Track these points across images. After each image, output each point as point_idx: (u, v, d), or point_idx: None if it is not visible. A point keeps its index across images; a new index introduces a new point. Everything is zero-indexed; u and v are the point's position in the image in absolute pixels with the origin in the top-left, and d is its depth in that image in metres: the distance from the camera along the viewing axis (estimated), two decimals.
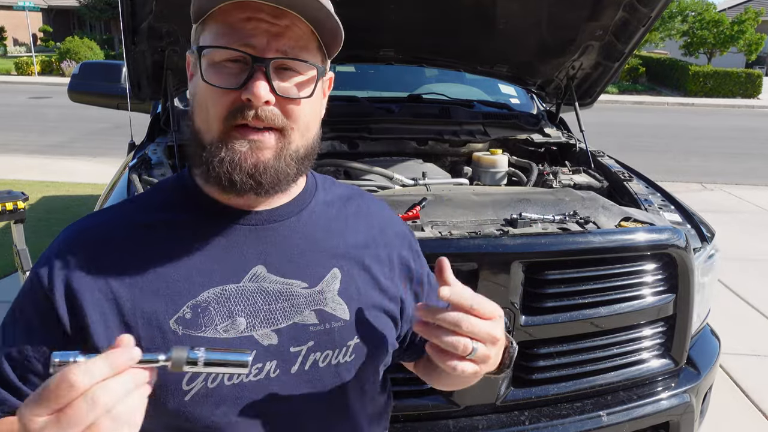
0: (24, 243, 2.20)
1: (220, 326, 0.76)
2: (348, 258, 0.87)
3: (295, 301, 0.81)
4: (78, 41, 21.00)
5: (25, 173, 7.09)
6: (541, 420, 1.68)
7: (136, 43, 2.06)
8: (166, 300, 0.76)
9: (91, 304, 0.75)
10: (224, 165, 0.73)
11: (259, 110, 0.72)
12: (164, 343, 0.74)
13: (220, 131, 0.74)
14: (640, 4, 2.22)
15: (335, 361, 0.83)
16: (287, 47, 0.73)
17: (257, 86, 0.71)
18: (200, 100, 0.76)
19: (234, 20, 0.72)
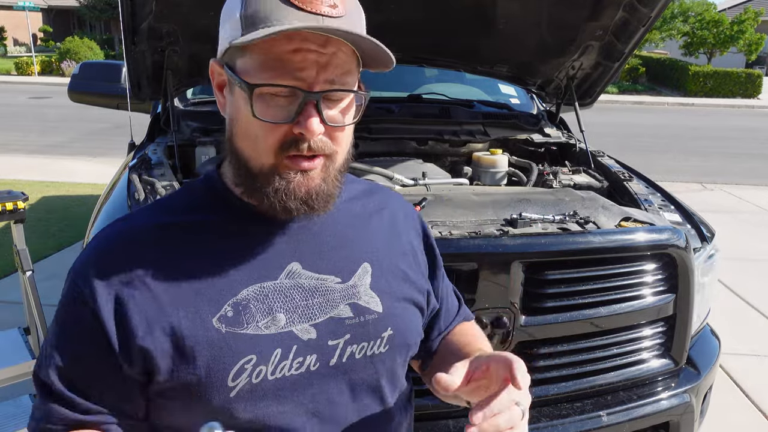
0: (24, 243, 2.20)
1: (261, 323, 0.79)
2: (376, 252, 0.90)
3: (330, 295, 0.84)
4: (78, 41, 21.00)
5: (25, 173, 7.09)
6: (541, 420, 1.68)
7: (136, 43, 2.06)
8: (208, 299, 0.77)
9: (134, 311, 0.76)
10: (279, 194, 0.76)
11: (311, 142, 0.74)
12: (208, 342, 0.76)
13: (271, 161, 0.76)
14: (640, 4, 2.22)
15: (370, 353, 0.86)
16: (334, 76, 0.74)
17: (311, 122, 0.72)
18: (246, 129, 0.76)
19: (281, 52, 0.71)
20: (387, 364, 0.88)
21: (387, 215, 0.96)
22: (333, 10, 0.72)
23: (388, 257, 0.91)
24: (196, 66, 2.33)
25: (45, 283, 3.68)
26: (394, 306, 0.88)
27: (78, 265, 0.81)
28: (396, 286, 0.90)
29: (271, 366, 0.78)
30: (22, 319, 2.35)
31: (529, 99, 3.34)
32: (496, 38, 2.50)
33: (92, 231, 1.97)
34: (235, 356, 0.77)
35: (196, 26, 2.12)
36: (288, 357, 0.79)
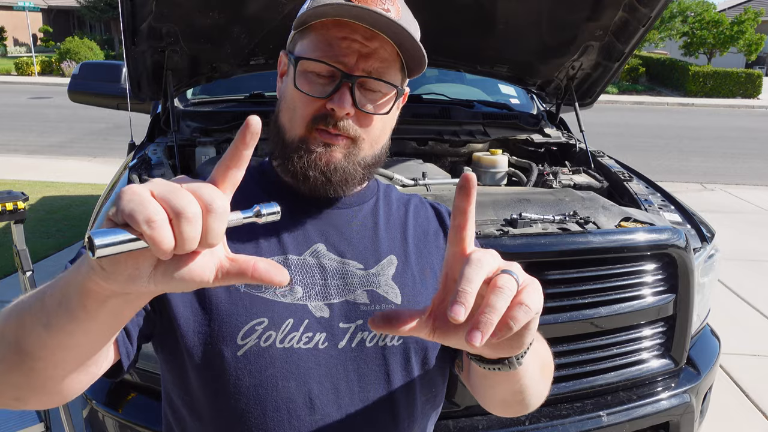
0: (24, 243, 2.20)
1: (279, 290, 0.82)
2: (406, 250, 0.91)
3: (350, 279, 0.86)
4: (78, 41, 21.00)
5: (26, 173, 7.10)
6: (541, 420, 1.68)
7: (136, 43, 2.06)
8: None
9: None
10: (302, 161, 0.83)
11: (339, 121, 0.81)
12: (228, 298, 0.81)
13: (302, 132, 0.83)
14: (640, 4, 2.22)
15: (382, 343, 0.85)
16: (373, 68, 0.81)
17: (342, 99, 0.80)
18: (289, 101, 0.85)
19: (331, 36, 0.80)
20: (399, 360, 0.86)
21: (422, 224, 0.96)
22: (386, 12, 0.79)
23: (419, 260, 0.92)
24: (196, 66, 2.33)
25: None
26: (415, 301, 0.88)
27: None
28: (420, 283, 0.90)
29: (281, 334, 0.81)
30: None
31: (529, 99, 3.34)
32: (496, 38, 2.50)
33: None
34: (248, 315, 0.80)
35: (196, 26, 2.12)
36: (299, 329, 0.82)
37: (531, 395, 0.80)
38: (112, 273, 0.49)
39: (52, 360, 0.62)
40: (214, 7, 2.07)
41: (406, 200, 1.00)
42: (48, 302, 0.59)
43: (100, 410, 1.68)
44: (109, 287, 0.52)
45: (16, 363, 0.62)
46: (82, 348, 0.62)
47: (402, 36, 0.80)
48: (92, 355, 0.65)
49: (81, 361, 0.64)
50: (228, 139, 2.35)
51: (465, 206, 0.61)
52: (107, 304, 0.55)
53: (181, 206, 0.47)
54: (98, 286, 0.52)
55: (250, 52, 2.34)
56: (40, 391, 0.65)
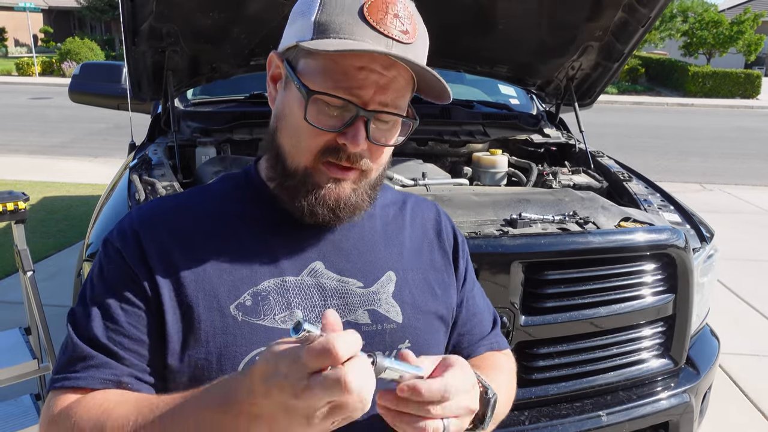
0: (25, 243, 2.20)
1: (278, 316, 0.79)
2: (404, 262, 0.89)
3: (350, 299, 0.83)
4: (78, 42, 21.01)
5: (26, 174, 7.10)
6: (541, 420, 1.68)
7: (136, 43, 2.07)
8: (228, 285, 0.78)
9: (161, 278, 0.78)
10: (310, 198, 0.78)
11: (351, 155, 0.76)
12: (223, 328, 0.77)
13: (308, 163, 0.78)
14: (640, 4, 2.22)
15: None
16: (389, 99, 0.75)
17: (357, 137, 0.74)
18: (292, 128, 0.78)
19: (347, 66, 0.73)
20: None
21: (419, 227, 0.94)
22: (404, 35, 0.74)
23: (416, 269, 0.89)
24: (196, 66, 2.33)
25: (46, 283, 3.69)
26: (416, 318, 0.86)
27: (116, 229, 0.83)
28: (420, 299, 0.88)
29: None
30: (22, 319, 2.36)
31: (528, 99, 3.35)
32: (496, 38, 2.50)
33: (93, 231, 1.97)
34: (248, 346, 0.77)
35: (197, 26, 2.12)
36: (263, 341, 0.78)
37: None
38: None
39: None
40: (214, 8, 2.07)
41: (401, 201, 0.97)
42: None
43: None
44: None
45: None
46: None
47: (421, 67, 0.74)
48: None
49: None
50: (228, 139, 2.36)
51: None
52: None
53: None
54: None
55: (250, 53, 2.34)
56: None
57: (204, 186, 0.93)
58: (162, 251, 0.79)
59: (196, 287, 0.78)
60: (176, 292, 0.77)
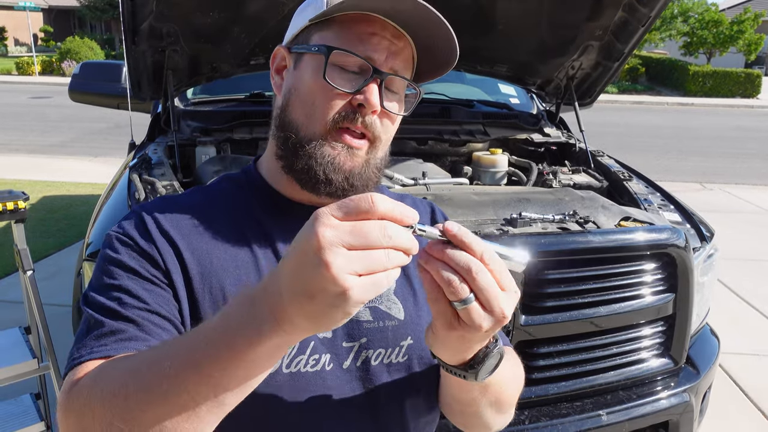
0: (25, 243, 2.20)
1: None
2: None
3: None
4: (78, 41, 21.00)
5: (26, 173, 7.10)
6: (541, 419, 1.68)
7: (136, 43, 2.07)
8: (234, 281, 0.78)
9: (172, 267, 0.77)
10: (326, 163, 0.78)
11: (366, 118, 0.77)
12: None
13: (324, 130, 0.78)
14: (640, 4, 2.22)
15: (387, 361, 0.83)
16: (399, 67, 0.79)
17: (374, 95, 0.76)
18: (306, 95, 0.79)
19: (361, 31, 0.76)
20: (407, 377, 0.84)
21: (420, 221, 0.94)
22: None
23: (417, 269, 0.89)
24: (196, 66, 2.33)
25: (46, 283, 3.69)
26: (418, 315, 0.86)
27: (126, 219, 0.82)
28: (422, 296, 0.87)
29: (288, 358, 0.78)
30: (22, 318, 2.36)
31: (528, 99, 3.35)
32: (496, 38, 2.50)
33: (93, 231, 1.97)
34: None
35: (197, 26, 2.12)
36: (305, 352, 0.79)
37: (489, 418, 0.83)
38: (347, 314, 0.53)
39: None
40: (214, 7, 2.07)
41: (399, 198, 0.97)
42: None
43: None
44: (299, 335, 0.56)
45: None
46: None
47: (437, 33, 0.77)
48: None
49: None
50: (228, 139, 2.36)
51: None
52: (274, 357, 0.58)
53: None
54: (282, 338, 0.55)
55: (250, 52, 2.34)
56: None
57: (204, 186, 0.93)
58: (171, 246, 0.78)
59: (202, 281, 0.77)
60: (185, 283, 0.77)
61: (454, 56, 0.80)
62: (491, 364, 0.70)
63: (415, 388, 0.86)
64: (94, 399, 0.61)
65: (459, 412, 0.86)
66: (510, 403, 0.85)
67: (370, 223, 0.52)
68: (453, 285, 0.58)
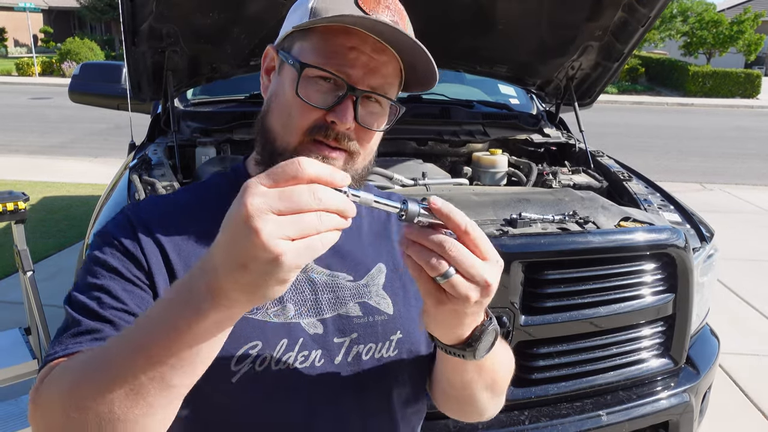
0: (25, 243, 2.20)
1: (271, 310, 0.78)
2: (394, 255, 0.90)
3: (341, 293, 0.83)
4: (78, 42, 21.01)
5: (26, 174, 7.10)
6: (541, 419, 1.68)
7: (136, 43, 2.07)
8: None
9: (157, 274, 0.77)
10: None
11: (339, 134, 0.77)
12: None
13: (297, 141, 0.78)
14: (639, 4, 2.22)
15: (378, 355, 0.84)
16: (377, 84, 0.77)
17: (345, 114, 0.75)
18: (283, 105, 0.79)
19: (339, 44, 0.75)
20: (397, 371, 0.86)
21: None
22: (394, 24, 0.75)
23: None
24: (196, 66, 2.34)
25: (46, 284, 3.68)
26: (407, 309, 0.87)
27: (115, 220, 0.82)
28: (411, 289, 0.88)
29: (277, 355, 0.78)
30: (22, 319, 2.36)
31: (528, 99, 3.35)
32: (496, 38, 2.50)
33: (93, 231, 1.97)
34: (240, 340, 0.76)
35: (196, 26, 2.12)
36: (294, 349, 0.79)
37: (481, 400, 0.85)
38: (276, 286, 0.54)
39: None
40: (214, 8, 2.07)
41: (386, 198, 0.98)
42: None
43: None
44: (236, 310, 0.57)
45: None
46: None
47: (417, 55, 0.75)
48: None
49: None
50: (228, 139, 2.36)
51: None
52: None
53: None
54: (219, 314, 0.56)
55: (250, 53, 2.34)
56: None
57: (193, 185, 0.93)
58: (157, 247, 0.78)
59: None
60: (170, 284, 0.77)
61: (434, 79, 0.80)
62: (488, 340, 0.71)
63: (404, 380, 0.87)
64: (53, 392, 0.64)
65: (454, 398, 0.87)
66: (503, 387, 0.87)
67: (299, 187, 0.53)
68: (431, 263, 0.61)
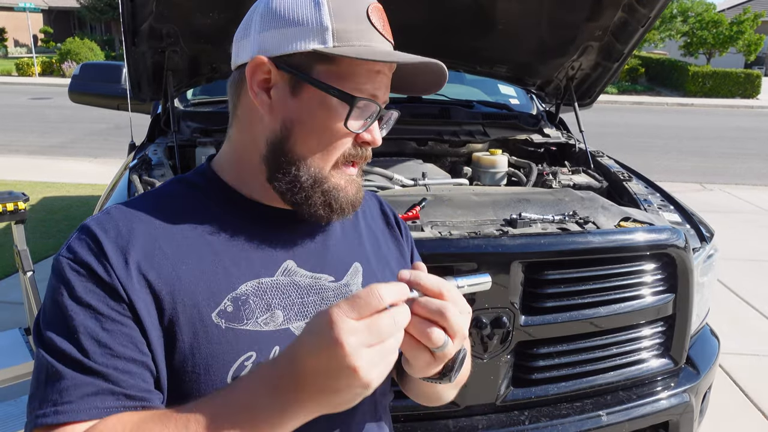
0: (25, 243, 2.20)
1: (261, 319, 0.78)
2: (366, 252, 0.92)
3: (325, 294, 0.84)
4: (78, 42, 21.01)
5: (26, 174, 7.10)
6: (541, 420, 1.68)
7: (136, 44, 2.07)
8: (206, 294, 0.75)
9: (136, 295, 0.71)
10: (334, 193, 0.80)
11: (367, 151, 0.83)
12: (207, 338, 0.74)
13: (333, 166, 0.80)
14: (639, 4, 2.22)
15: None
16: (387, 97, 0.83)
17: (378, 133, 0.82)
18: (320, 133, 0.78)
19: (369, 70, 0.77)
20: None
21: (370, 218, 0.99)
22: (418, 57, 0.80)
23: (378, 258, 0.93)
24: (196, 66, 2.34)
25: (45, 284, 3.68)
26: None
27: (78, 240, 0.74)
28: (384, 280, 0.90)
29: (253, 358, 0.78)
30: (22, 319, 2.36)
31: (528, 99, 3.35)
32: (496, 38, 2.50)
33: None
34: (235, 353, 0.75)
35: (197, 26, 2.12)
36: (251, 346, 0.78)
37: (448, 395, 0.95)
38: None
39: None
40: (214, 8, 2.07)
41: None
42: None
43: None
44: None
45: None
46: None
47: (429, 69, 0.83)
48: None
49: None
50: None
51: None
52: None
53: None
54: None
55: None
56: None
57: (154, 190, 0.86)
58: (130, 266, 0.72)
59: (173, 300, 0.73)
60: (155, 306, 0.72)
61: (435, 89, 0.88)
62: (460, 368, 0.76)
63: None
64: None
65: (423, 395, 0.95)
66: (465, 378, 0.92)
67: (383, 318, 0.60)
68: (433, 338, 0.66)
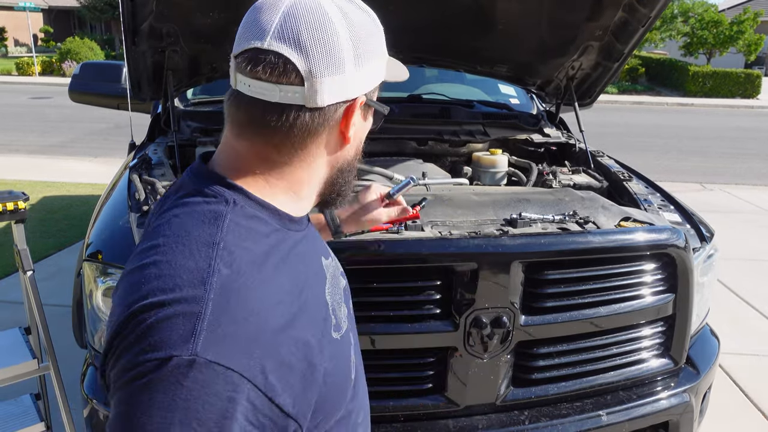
0: (25, 243, 2.20)
1: (343, 315, 0.83)
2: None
3: (335, 272, 0.89)
4: (78, 41, 21.00)
5: (26, 173, 7.10)
6: (541, 419, 1.68)
7: (136, 43, 2.07)
8: (318, 316, 0.74)
9: (284, 386, 0.64)
10: (347, 192, 0.88)
11: None
12: (332, 354, 0.73)
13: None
14: (640, 4, 2.22)
15: (355, 340, 0.91)
16: None
17: None
18: (359, 142, 0.86)
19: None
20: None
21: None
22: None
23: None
24: (196, 66, 2.34)
25: (46, 283, 3.69)
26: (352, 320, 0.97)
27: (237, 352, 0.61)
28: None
29: (353, 356, 0.84)
30: (22, 319, 2.36)
31: (528, 99, 3.35)
32: (496, 38, 2.51)
33: (93, 231, 1.97)
34: (347, 359, 0.81)
35: (197, 26, 2.12)
36: (350, 355, 0.85)
37: None
38: None
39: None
40: (214, 8, 2.07)
41: None
42: None
43: (101, 410, 1.69)
44: None
45: None
46: None
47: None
48: None
49: None
50: None
51: None
52: None
53: None
54: None
55: None
56: None
57: (228, 228, 0.69)
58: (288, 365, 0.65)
59: (313, 373, 0.69)
60: (306, 389, 0.67)
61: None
62: None
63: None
64: None
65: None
66: None
67: None
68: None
